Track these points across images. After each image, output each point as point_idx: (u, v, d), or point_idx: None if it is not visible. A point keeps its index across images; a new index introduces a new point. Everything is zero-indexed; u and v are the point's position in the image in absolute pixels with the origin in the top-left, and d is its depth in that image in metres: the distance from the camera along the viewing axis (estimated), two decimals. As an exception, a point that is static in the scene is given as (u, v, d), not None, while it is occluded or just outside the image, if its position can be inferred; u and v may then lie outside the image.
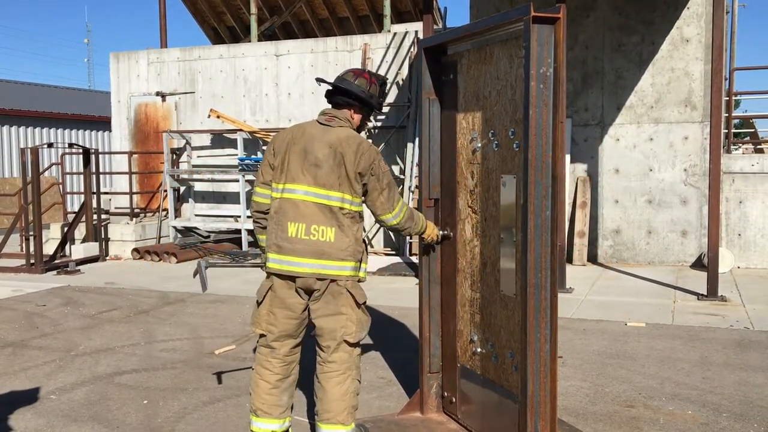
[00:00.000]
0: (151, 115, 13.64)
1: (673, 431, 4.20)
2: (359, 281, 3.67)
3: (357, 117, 3.75)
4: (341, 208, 3.55)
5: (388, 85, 11.84)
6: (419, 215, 3.97)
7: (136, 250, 11.84)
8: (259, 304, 3.71)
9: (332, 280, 3.54)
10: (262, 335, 3.69)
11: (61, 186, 15.09)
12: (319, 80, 3.85)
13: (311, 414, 4.28)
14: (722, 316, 7.16)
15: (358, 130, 3.78)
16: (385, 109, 11.88)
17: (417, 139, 10.81)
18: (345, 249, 3.54)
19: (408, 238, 10.87)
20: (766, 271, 9.90)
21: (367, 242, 3.80)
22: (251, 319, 3.77)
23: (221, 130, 12.74)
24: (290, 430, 3.85)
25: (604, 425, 4.30)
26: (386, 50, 11.97)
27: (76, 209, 12.41)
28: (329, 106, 3.80)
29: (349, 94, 3.70)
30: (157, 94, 13.50)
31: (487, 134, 3.75)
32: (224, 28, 16.82)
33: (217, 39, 16.92)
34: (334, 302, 3.57)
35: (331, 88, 3.77)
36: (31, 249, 10.65)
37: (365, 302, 3.67)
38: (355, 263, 3.59)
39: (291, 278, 3.56)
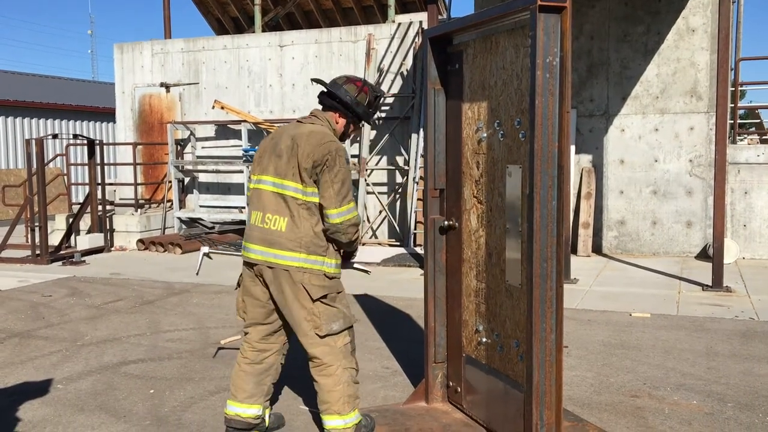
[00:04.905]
0: (155, 106, 13.64)
1: (678, 421, 4.21)
2: (328, 277, 3.58)
3: (341, 122, 3.78)
4: (295, 198, 3.55)
5: (393, 75, 11.82)
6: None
7: (141, 240, 11.87)
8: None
9: (285, 270, 3.54)
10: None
11: (66, 177, 15.10)
12: (315, 80, 3.94)
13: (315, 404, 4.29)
14: (727, 306, 7.15)
15: (342, 137, 3.78)
16: (389, 100, 11.86)
17: (421, 130, 10.80)
18: (295, 240, 3.52)
19: (412, 228, 10.88)
20: (772, 261, 9.88)
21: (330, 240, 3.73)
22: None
23: (225, 121, 12.74)
24: (266, 420, 3.91)
25: (609, 415, 4.31)
26: (390, 41, 11.94)
27: (81, 200, 12.43)
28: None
29: (333, 97, 3.74)
30: (162, 85, 13.49)
31: (492, 124, 3.75)
32: (228, 18, 16.78)
33: (221, 30, 16.88)
34: (291, 296, 3.56)
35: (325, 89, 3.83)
36: (37, 240, 10.68)
37: (327, 295, 3.56)
38: (307, 255, 3.52)
39: (251, 265, 3.68)
